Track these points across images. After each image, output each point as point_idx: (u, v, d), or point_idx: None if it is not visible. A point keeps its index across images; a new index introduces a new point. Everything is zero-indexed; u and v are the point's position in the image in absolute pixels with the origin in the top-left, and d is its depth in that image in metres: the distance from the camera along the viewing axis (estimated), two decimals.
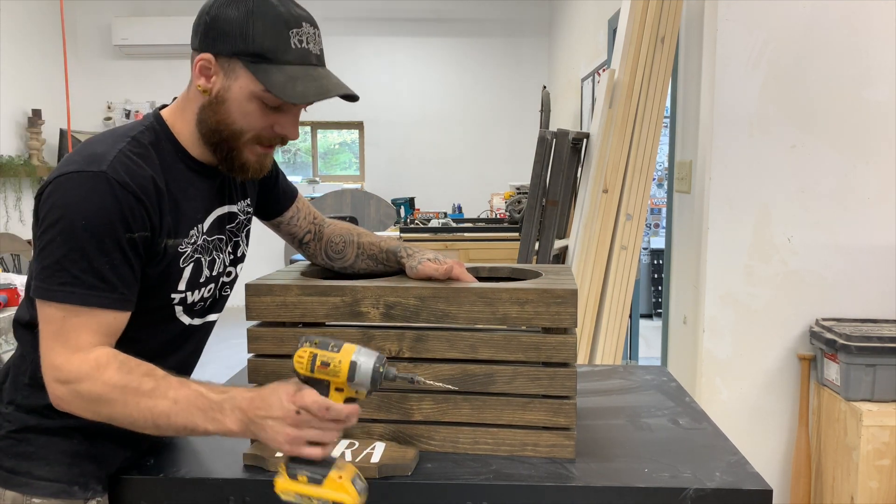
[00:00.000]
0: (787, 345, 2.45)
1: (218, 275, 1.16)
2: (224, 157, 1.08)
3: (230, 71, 1.04)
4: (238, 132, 1.06)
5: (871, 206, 2.38)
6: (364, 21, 6.71)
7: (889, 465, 2.13)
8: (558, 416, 1.11)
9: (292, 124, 1.09)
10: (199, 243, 1.11)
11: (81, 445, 1.06)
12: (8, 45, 5.31)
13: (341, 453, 1.08)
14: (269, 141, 1.09)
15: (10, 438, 1.05)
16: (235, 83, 1.04)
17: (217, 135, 1.07)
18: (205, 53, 1.04)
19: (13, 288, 2.97)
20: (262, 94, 1.03)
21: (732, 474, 1.07)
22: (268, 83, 1.02)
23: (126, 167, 0.99)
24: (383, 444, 1.12)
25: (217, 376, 1.36)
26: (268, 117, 1.06)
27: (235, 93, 1.04)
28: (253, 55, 1.02)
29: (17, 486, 1.03)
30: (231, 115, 1.05)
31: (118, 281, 0.98)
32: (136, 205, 0.99)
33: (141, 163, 1.02)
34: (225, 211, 1.18)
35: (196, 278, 1.11)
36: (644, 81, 2.61)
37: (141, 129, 1.08)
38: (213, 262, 1.14)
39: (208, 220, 1.14)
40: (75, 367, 0.95)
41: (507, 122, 6.79)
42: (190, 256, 1.09)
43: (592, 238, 2.66)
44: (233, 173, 1.11)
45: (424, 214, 4.99)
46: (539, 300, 1.09)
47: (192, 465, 1.12)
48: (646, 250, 6.22)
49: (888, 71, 2.34)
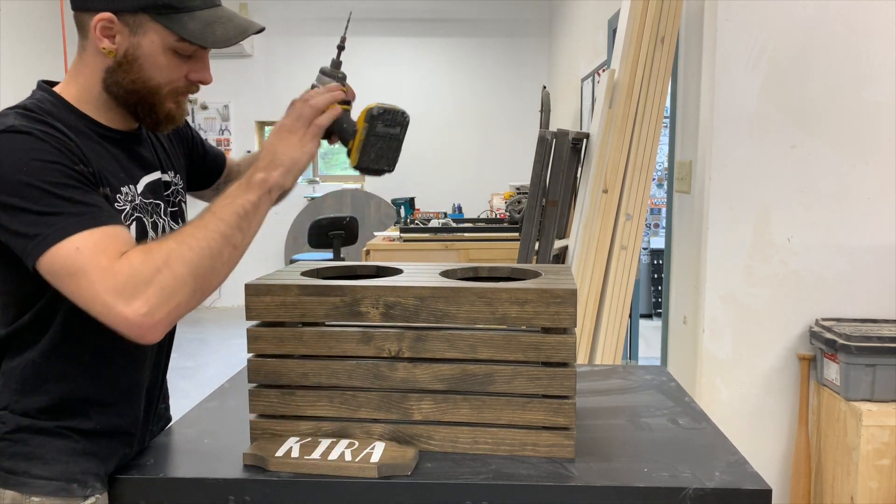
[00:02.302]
0: (787, 345, 2.45)
1: None
2: (146, 113, 1.07)
3: (136, 27, 1.01)
4: (155, 87, 1.05)
5: (871, 206, 2.38)
6: (364, 21, 6.72)
7: (889, 465, 2.13)
8: (558, 415, 1.11)
9: (205, 69, 1.09)
10: (136, 203, 1.08)
11: (78, 444, 1.06)
12: (8, 45, 5.31)
13: (340, 453, 1.09)
14: (185, 89, 1.09)
15: (6, 440, 1.04)
16: (145, 38, 1.01)
17: (134, 94, 1.05)
18: (102, 14, 1.00)
19: None
20: (176, 45, 1.02)
21: (732, 474, 1.07)
22: (184, 32, 1.01)
23: (33, 118, 0.96)
24: (383, 444, 1.12)
25: (217, 376, 1.36)
26: (182, 67, 1.06)
27: (147, 48, 1.02)
28: (160, 6, 1.00)
29: (15, 486, 1.02)
30: (145, 71, 1.03)
31: (92, 202, 0.94)
32: (65, 140, 0.95)
33: (44, 119, 0.97)
34: (157, 177, 1.15)
35: (142, 238, 1.08)
36: (644, 81, 2.62)
37: (31, 101, 1.02)
38: (155, 225, 1.12)
39: (141, 182, 1.11)
40: (124, 273, 0.88)
41: (507, 122, 6.79)
42: (130, 214, 1.06)
43: (592, 238, 2.66)
44: (159, 128, 1.10)
45: (424, 214, 5.00)
46: (539, 300, 1.09)
47: (192, 464, 1.12)
48: (646, 250, 6.22)
49: (888, 71, 2.34)
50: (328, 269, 1.34)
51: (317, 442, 1.12)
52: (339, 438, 1.13)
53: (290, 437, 1.13)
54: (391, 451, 1.10)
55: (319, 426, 1.16)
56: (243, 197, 1.00)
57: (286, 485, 1.05)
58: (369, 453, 1.09)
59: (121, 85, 1.04)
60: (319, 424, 1.16)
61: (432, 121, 6.80)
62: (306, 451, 1.09)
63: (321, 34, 6.46)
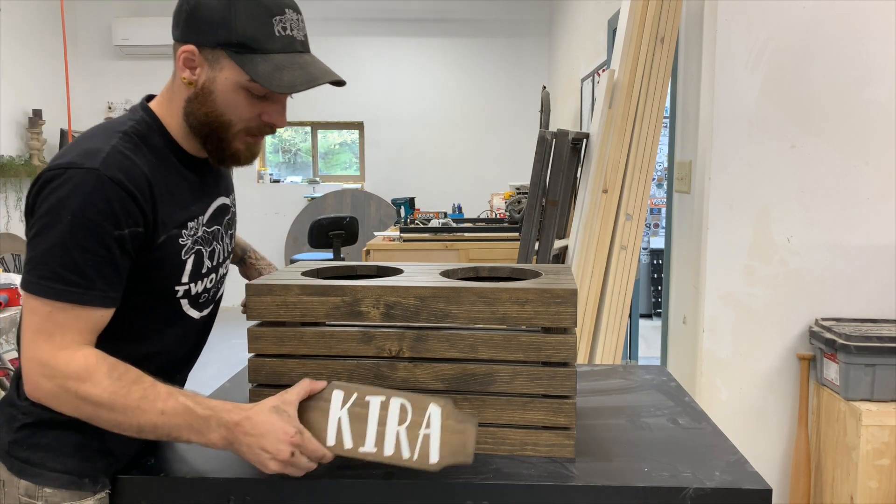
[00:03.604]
0: (787, 345, 2.45)
1: (218, 265, 1.18)
2: (214, 148, 1.08)
3: (214, 62, 1.03)
4: (227, 123, 1.06)
5: (871, 206, 2.38)
6: (364, 21, 6.71)
7: (888, 464, 2.13)
8: (558, 415, 1.11)
9: (280, 113, 1.08)
10: (198, 235, 1.12)
11: (93, 440, 1.07)
12: (8, 45, 5.31)
13: (395, 442, 1.01)
14: (257, 130, 1.09)
15: (26, 430, 1.07)
16: (220, 74, 1.03)
17: (206, 127, 1.06)
18: (187, 45, 1.03)
19: (13, 288, 2.97)
20: (248, 85, 1.03)
21: (732, 474, 1.07)
22: (254, 73, 1.01)
23: (119, 163, 0.99)
24: (439, 421, 1.02)
25: (217, 376, 1.36)
26: (255, 107, 1.06)
27: (221, 84, 1.03)
28: (237, 45, 1.01)
29: (30, 477, 1.05)
30: (218, 106, 1.04)
31: (98, 278, 0.98)
32: (129, 201, 0.99)
33: (134, 158, 1.02)
34: (221, 202, 1.19)
35: (198, 269, 1.12)
36: (644, 81, 2.62)
37: (132, 122, 1.07)
38: (213, 253, 1.16)
39: (208, 212, 1.14)
40: (62, 364, 0.96)
41: (507, 122, 6.79)
42: (190, 248, 1.10)
43: (592, 238, 2.66)
44: (223, 164, 1.11)
45: (424, 214, 4.99)
46: (539, 300, 1.09)
47: (193, 464, 1.12)
48: (646, 250, 6.22)
49: (888, 71, 2.34)
50: (329, 269, 1.34)
51: (364, 411, 1.03)
52: (387, 399, 1.03)
53: (333, 400, 1.04)
54: (448, 436, 1.02)
55: None
56: (189, 434, 0.98)
57: (287, 485, 1.05)
58: (426, 444, 1.02)
59: (195, 116, 1.07)
60: None
61: (432, 121, 6.80)
62: (358, 433, 1.02)
63: (321, 34, 6.46)
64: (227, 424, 0.97)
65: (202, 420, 0.97)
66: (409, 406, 1.03)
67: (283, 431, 0.96)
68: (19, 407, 1.08)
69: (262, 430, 0.96)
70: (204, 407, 0.98)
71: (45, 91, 5.74)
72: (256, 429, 0.97)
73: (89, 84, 6.48)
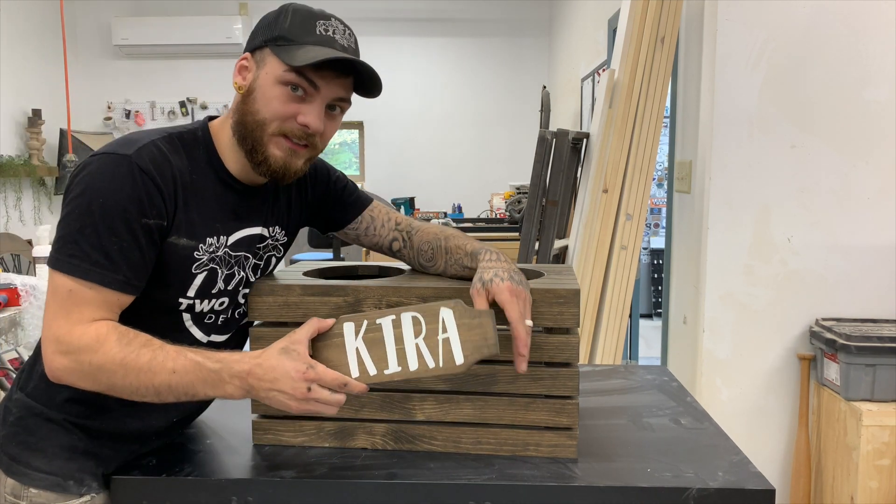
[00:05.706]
0: (787, 345, 2.45)
1: (234, 290, 1.14)
2: (250, 150, 1.08)
3: (261, 61, 1.07)
4: (262, 121, 1.06)
5: (871, 206, 2.38)
6: (364, 21, 6.71)
7: (889, 464, 2.13)
8: (560, 415, 1.11)
9: (315, 115, 1.06)
10: (218, 254, 1.10)
11: (81, 442, 1.07)
12: (8, 45, 5.31)
13: (417, 356, 1.01)
14: (293, 132, 1.07)
15: (17, 426, 1.07)
16: (263, 70, 1.06)
17: (243, 128, 1.07)
18: (244, 54, 1.09)
19: (13, 288, 2.96)
20: (284, 76, 1.04)
21: (735, 474, 1.07)
22: (284, 57, 1.04)
23: (152, 156, 1.02)
24: (454, 323, 1.01)
25: None
26: (291, 106, 1.06)
27: (263, 80, 1.06)
28: (278, 38, 1.05)
29: (16, 475, 1.05)
30: (257, 103, 1.06)
31: (123, 263, 0.99)
32: (155, 193, 1.01)
33: (169, 156, 1.04)
34: (255, 231, 1.16)
35: (208, 288, 1.10)
36: (644, 81, 2.62)
37: (184, 130, 1.11)
38: (230, 277, 1.13)
39: (235, 235, 1.12)
40: (76, 338, 0.97)
41: (507, 122, 6.79)
42: (205, 265, 1.08)
43: (592, 238, 2.66)
44: (259, 170, 1.09)
45: (424, 214, 4.99)
46: (541, 300, 1.09)
47: (195, 464, 1.12)
48: (646, 250, 6.22)
49: (888, 71, 2.34)
50: (330, 269, 1.34)
51: (379, 334, 1.03)
52: (398, 316, 1.03)
53: (346, 332, 1.05)
54: (467, 335, 1.01)
55: (322, 426, 1.17)
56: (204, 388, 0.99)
57: (289, 485, 1.05)
58: (448, 348, 1.01)
59: (239, 122, 1.08)
60: (322, 424, 1.16)
61: (432, 120, 6.80)
62: (379, 357, 1.02)
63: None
64: (239, 374, 0.98)
65: (213, 374, 0.98)
66: (421, 317, 1.03)
67: (294, 370, 0.97)
68: (14, 400, 1.09)
69: (273, 374, 0.97)
70: (214, 360, 0.99)
71: (44, 91, 5.73)
72: (268, 374, 0.97)
73: (89, 84, 6.47)
